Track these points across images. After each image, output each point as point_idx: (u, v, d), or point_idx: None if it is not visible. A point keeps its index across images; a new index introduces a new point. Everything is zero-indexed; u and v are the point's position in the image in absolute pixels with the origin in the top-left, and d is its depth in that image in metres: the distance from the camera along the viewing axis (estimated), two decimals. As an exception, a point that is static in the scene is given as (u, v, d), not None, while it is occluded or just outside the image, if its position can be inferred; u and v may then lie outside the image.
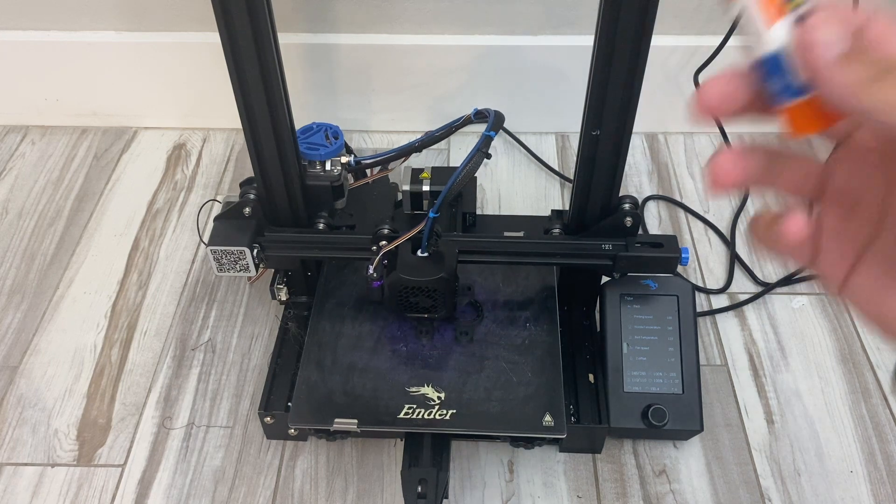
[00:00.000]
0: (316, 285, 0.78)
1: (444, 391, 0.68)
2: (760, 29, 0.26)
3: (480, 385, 0.69)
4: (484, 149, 0.63)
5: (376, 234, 0.70)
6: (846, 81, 0.23)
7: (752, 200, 0.99)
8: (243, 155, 1.05)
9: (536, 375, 0.69)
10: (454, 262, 0.69)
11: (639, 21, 0.56)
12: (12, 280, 0.89)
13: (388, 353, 0.71)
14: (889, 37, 0.22)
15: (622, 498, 0.71)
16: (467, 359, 0.71)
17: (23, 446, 0.74)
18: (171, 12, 0.97)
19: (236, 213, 0.72)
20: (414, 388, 0.68)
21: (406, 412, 0.67)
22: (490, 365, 0.70)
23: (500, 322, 0.74)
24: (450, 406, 0.67)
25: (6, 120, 1.10)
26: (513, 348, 0.71)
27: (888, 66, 0.22)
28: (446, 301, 0.70)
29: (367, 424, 0.66)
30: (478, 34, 0.99)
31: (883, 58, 0.22)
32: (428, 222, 0.66)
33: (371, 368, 0.70)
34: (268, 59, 0.61)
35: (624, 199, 0.71)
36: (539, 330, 0.73)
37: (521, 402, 0.67)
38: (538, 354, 0.71)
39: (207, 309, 0.86)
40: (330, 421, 0.66)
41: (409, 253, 0.68)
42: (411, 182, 0.83)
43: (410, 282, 0.67)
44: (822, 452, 0.74)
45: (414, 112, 1.06)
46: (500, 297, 0.76)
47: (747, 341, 0.83)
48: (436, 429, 0.66)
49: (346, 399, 0.68)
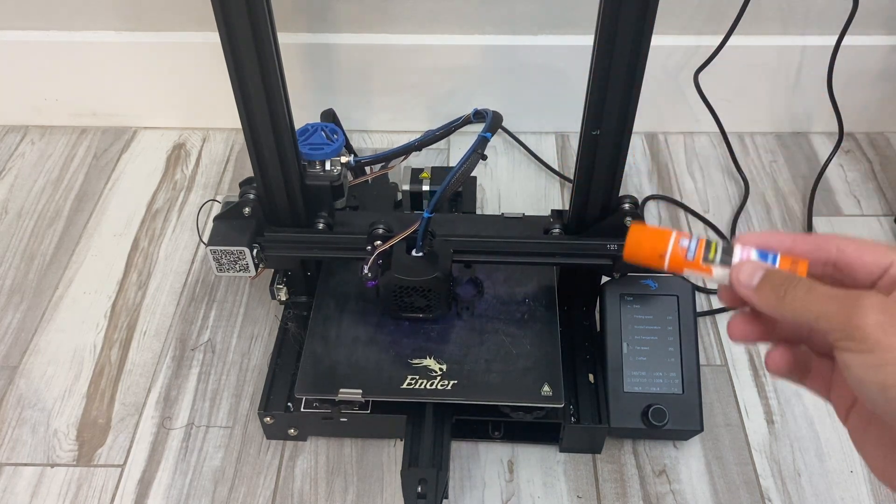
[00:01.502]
0: (316, 285, 0.78)
1: (446, 363, 0.70)
2: (708, 277, 0.38)
3: (481, 357, 0.70)
4: (480, 150, 0.64)
5: (371, 233, 0.70)
6: (764, 300, 0.35)
7: (752, 200, 0.99)
8: (243, 155, 1.05)
9: (535, 348, 0.71)
10: (449, 262, 0.69)
11: (639, 21, 0.56)
12: (12, 280, 0.89)
13: (391, 328, 0.73)
14: (780, 274, 0.35)
15: (622, 498, 0.71)
16: (468, 332, 0.72)
17: (22, 446, 0.74)
18: (171, 12, 0.97)
19: (236, 213, 0.72)
20: (416, 360, 0.70)
21: (409, 383, 0.68)
22: (490, 338, 0.72)
23: (500, 297, 0.75)
24: (451, 377, 0.68)
25: (6, 120, 1.10)
26: (512, 322, 0.73)
27: (786, 286, 0.34)
28: (441, 301, 0.70)
29: (372, 394, 0.68)
30: (478, 34, 0.99)
31: (781, 282, 0.35)
32: (422, 222, 0.66)
33: (375, 341, 0.72)
34: (268, 59, 0.61)
35: (624, 199, 0.71)
36: (538, 305, 0.74)
37: (521, 373, 0.69)
38: (537, 328, 0.72)
39: (207, 309, 0.86)
40: (335, 391, 0.67)
41: (404, 253, 0.68)
42: (411, 182, 0.83)
43: (405, 282, 0.67)
44: (822, 452, 0.74)
45: (414, 112, 1.06)
46: (500, 274, 0.77)
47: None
48: (438, 398, 0.68)
49: (350, 370, 0.69)
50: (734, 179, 1.02)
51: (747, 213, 0.97)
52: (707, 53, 0.94)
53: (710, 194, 1.00)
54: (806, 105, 1.05)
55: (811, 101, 1.04)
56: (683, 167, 1.04)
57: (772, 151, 1.06)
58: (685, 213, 0.97)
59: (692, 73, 0.96)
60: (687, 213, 0.97)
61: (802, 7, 0.96)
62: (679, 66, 1.00)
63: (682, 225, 0.96)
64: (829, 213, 0.97)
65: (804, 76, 1.02)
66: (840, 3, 0.92)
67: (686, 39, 0.98)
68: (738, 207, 0.97)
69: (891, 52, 0.99)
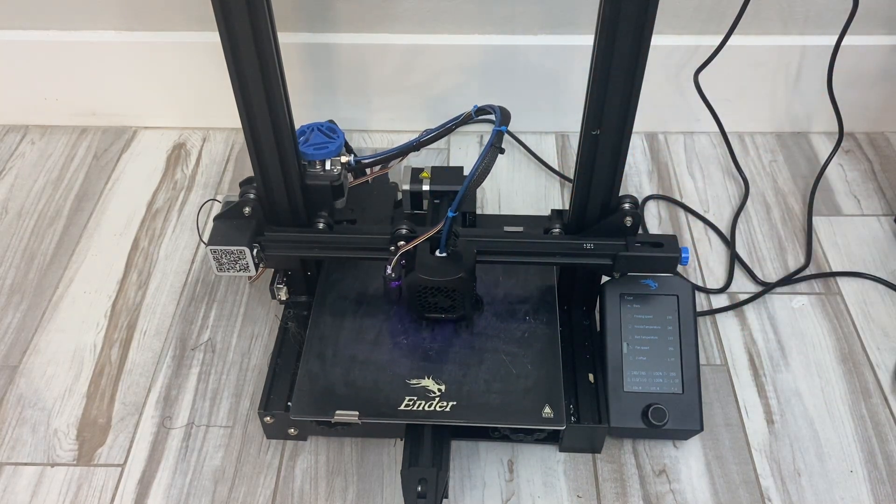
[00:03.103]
0: (316, 285, 0.78)
1: (445, 383, 0.68)
2: None
3: (480, 377, 0.69)
4: (497, 143, 0.63)
5: (394, 233, 0.69)
6: None
7: (752, 200, 0.99)
8: (243, 154, 1.05)
9: (536, 367, 0.70)
10: (473, 262, 0.68)
11: (639, 21, 0.56)
12: (12, 280, 0.89)
13: (388, 346, 0.72)
14: None
15: (622, 498, 0.71)
16: (467, 351, 0.71)
17: (23, 446, 0.74)
18: (171, 12, 0.97)
19: (236, 212, 0.72)
20: (414, 380, 0.69)
21: (407, 404, 0.67)
22: (490, 357, 0.71)
23: (499, 315, 0.74)
24: (450, 398, 0.67)
25: (6, 119, 1.10)
26: (512, 340, 0.72)
27: None
28: (465, 301, 0.69)
29: (368, 416, 0.66)
30: (478, 34, 0.99)
31: None
32: (447, 222, 0.65)
33: (372, 361, 0.70)
34: (268, 59, 0.61)
35: (624, 199, 0.71)
36: (538, 322, 0.73)
37: (521, 394, 0.68)
38: (538, 347, 0.71)
39: (207, 309, 0.86)
40: (331, 413, 0.66)
41: (428, 253, 0.68)
42: (411, 181, 0.83)
43: (430, 282, 0.67)
44: (822, 452, 0.74)
45: (414, 112, 1.06)
46: (500, 291, 0.76)
47: (747, 341, 0.83)
48: (436, 420, 0.66)
49: (347, 391, 0.68)
50: (734, 179, 1.02)
51: (747, 212, 0.97)
52: (707, 53, 0.94)
53: (710, 194, 1.00)
54: (806, 105, 1.05)
55: (811, 101, 1.04)
56: (683, 167, 1.04)
57: (772, 151, 1.06)
58: (685, 213, 0.97)
59: (692, 73, 0.96)
60: (687, 212, 0.97)
61: (802, 7, 0.96)
62: (679, 66, 1.00)
63: (682, 225, 0.96)
64: (829, 212, 0.97)
65: (804, 76, 1.02)
66: (840, 3, 0.93)
67: (686, 39, 0.98)
68: (738, 207, 0.97)
69: (891, 52, 0.99)
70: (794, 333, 0.84)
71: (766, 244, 0.93)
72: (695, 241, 0.94)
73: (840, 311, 0.86)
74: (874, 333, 0.84)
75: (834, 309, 0.86)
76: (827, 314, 0.86)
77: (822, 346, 0.82)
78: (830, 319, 0.85)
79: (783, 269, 0.90)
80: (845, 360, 0.81)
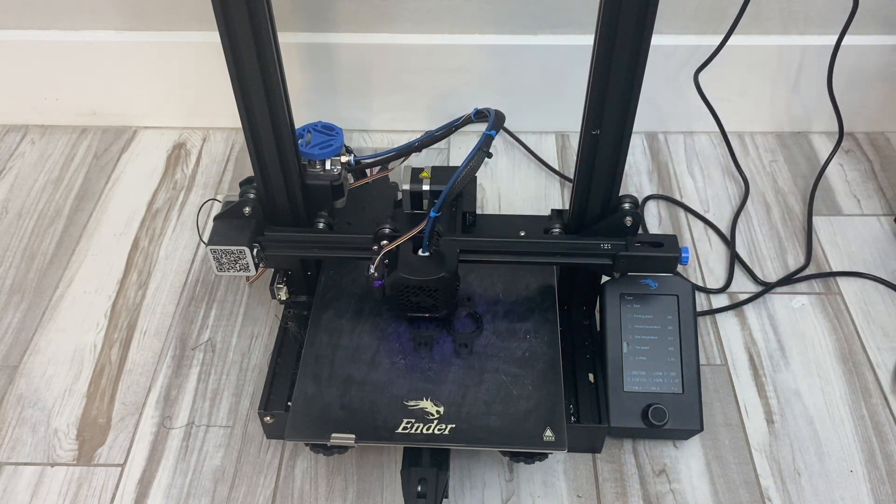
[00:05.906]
0: (315, 285, 0.78)
1: (443, 405, 0.67)
2: None
3: (480, 399, 0.67)
4: (485, 148, 0.63)
5: (377, 233, 0.70)
6: None
7: (752, 200, 0.99)
8: (243, 154, 1.05)
9: (537, 388, 0.68)
10: (455, 262, 0.69)
11: (639, 21, 0.56)
12: (12, 280, 0.89)
13: (386, 366, 0.70)
14: None
15: (622, 498, 0.71)
16: (466, 371, 0.69)
17: (23, 446, 0.74)
18: (171, 12, 0.97)
19: (236, 212, 0.72)
20: (412, 401, 0.67)
21: (405, 427, 0.65)
22: (490, 378, 0.69)
23: (499, 334, 0.72)
24: (449, 420, 0.66)
25: (6, 119, 1.10)
26: (513, 361, 0.70)
27: None
28: (447, 300, 0.69)
29: (365, 440, 0.65)
30: (478, 34, 0.99)
31: None
32: (429, 222, 0.66)
33: (369, 381, 0.68)
34: (268, 59, 0.61)
35: (624, 199, 0.71)
36: (539, 342, 0.71)
37: (522, 416, 0.66)
38: (538, 367, 0.69)
39: (207, 308, 0.86)
40: (327, 436, 0.65)
41: (411, 252, 0.68)
42: (411, 181, 0.82)
43: (412, 281, 0.67)
44: (822, 452, 0.74)
45: (414, 112, 1.06)
46: (499, 308, 0.74)
47: (747, 341, 0.83)
48: (435, 444, 0.65)
49: (343, 413, 0.66)
50: (734, 179, 1.02)
51: (747, 212, 0.97)
52: (707, 53, 0.94)
53: (710, 194, 1.00)
54: (806, 105, 1.05)
55: (811, 101, 1.04)
56: (683, 167, 1.04)
57: (772, 151, 1.06)
58: (685, 213, 0.97)
59: (692, 73, 0.96)
60: (687, 212, 0.97)
61: (802, 7, 0.96)
62: (679, 66, 1.00)
63: (682, 224, 0.96)
64: (829, 212, 0.97)
65: (804, 76, 1.02)
66: (840, 3, 0.93)
67: (686, 39, 0.98)
68: (738, 207, 0.97)
69: (891, 52, 0.99)
70: (794, 333, 0.84)
71: (766, 244, 0.93)
72: (695, 241, 0.94)
73: (840, 310, 0.86)
74: (874, 333, 0.84)
75: (834, 309, 0.86)
76: (827, 314, 0.86)
77: (822, 346, 0.82)
78: (830, 319, 0.85)
79: (783, 269, 0.90)
80: (845, 360, 0.81)
